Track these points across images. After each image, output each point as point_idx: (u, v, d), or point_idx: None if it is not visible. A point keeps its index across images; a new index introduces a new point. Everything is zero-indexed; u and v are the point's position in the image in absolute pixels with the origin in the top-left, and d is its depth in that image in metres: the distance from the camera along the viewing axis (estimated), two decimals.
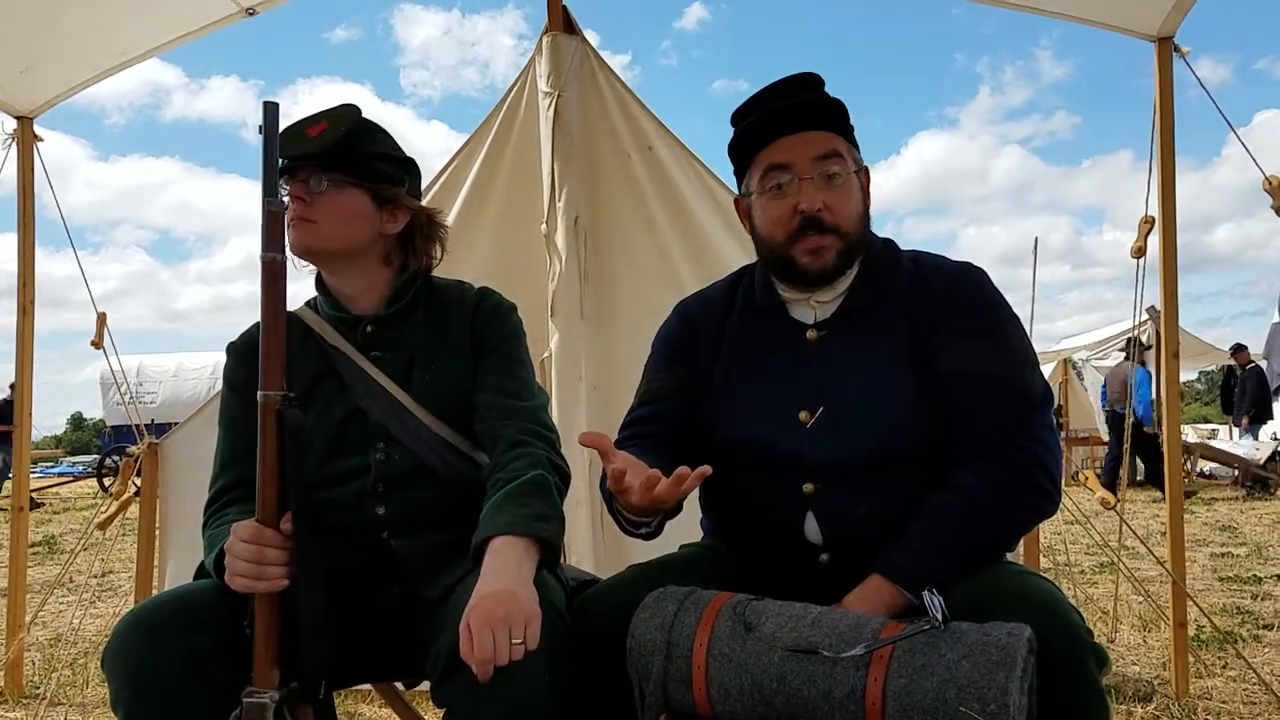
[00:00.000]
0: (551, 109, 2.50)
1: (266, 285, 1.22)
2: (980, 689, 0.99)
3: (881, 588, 1.20)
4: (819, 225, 1.29)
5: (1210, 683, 2.74)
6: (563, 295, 2.47)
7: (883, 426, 1.27)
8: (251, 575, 1.18)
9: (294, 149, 1.35)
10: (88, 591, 4.59)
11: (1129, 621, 3.51)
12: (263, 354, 1.21)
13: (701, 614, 1.16)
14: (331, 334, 1.45)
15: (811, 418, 1.30)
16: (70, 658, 3.23)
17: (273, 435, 1.20)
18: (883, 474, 1.27)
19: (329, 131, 1.36)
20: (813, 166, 1.30)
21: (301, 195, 1.36)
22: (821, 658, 1.06)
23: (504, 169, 2.71)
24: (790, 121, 1.31)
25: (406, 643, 1.35)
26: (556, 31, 2.54)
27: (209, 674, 1.19)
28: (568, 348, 2.46)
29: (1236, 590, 4.30)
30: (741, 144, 1.37)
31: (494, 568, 1.16)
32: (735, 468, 1.35)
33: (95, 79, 2.80)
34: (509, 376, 1.44)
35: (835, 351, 1.33)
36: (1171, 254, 2.54)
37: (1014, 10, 2.62)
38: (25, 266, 2.89)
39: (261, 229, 1.22)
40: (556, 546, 1.26)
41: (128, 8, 2.54)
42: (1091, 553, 5.08)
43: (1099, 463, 12.54)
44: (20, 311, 2.89)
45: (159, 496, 2.68)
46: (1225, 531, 6.56)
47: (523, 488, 1.27)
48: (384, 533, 1.39)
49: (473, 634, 1.07)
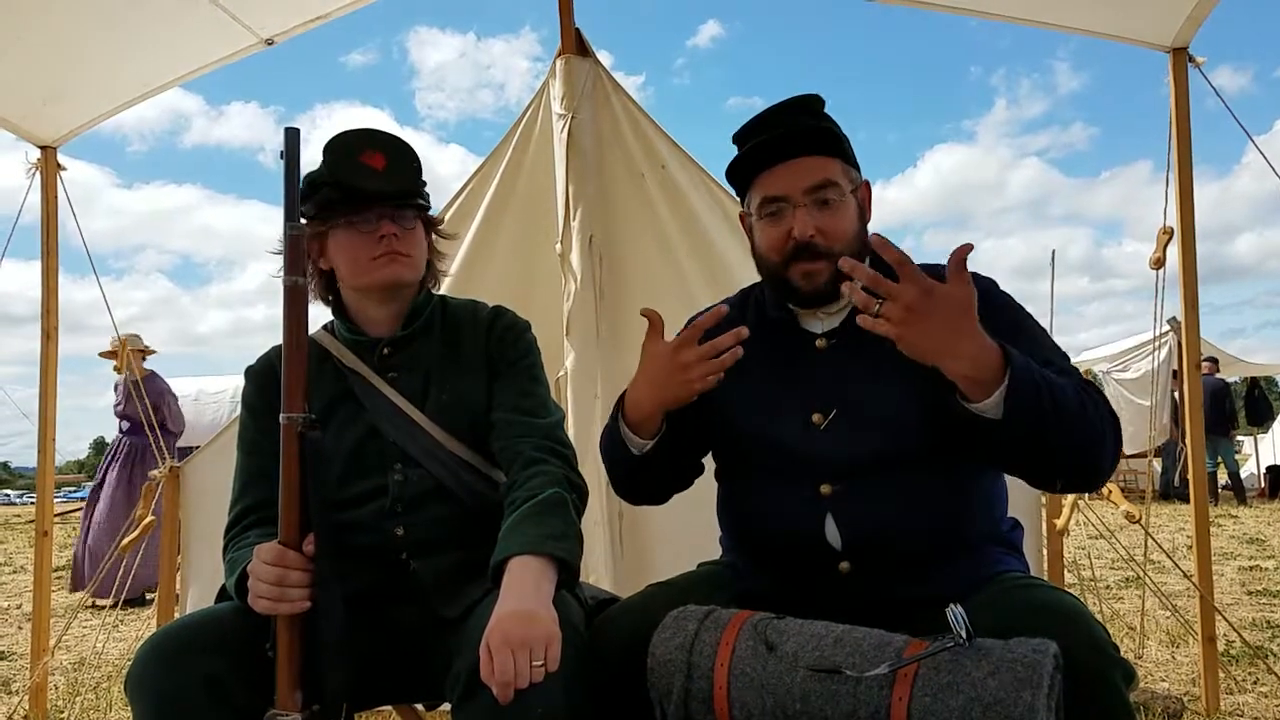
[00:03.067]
0: (565, 131, 2.53)
1: (288, 309, 1.23)
2: (1006, 706, 0.98)
3: (993, 349, 1.12)
4: (812, 251, 1.33)
5: (1241, 699, 2.68)
6: (578, 314, 2.48)
7: (896, 427, 1.28)
8: (274, 597, 1.19)
9: (368, 183, 1.38)
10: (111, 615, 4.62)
11: (1156, 637, 3.45)
12: (285, 377, 1.22)
13: (722, 633, 1.15)
14: (349, 357, 1.47)
15: (824, 420, 1.31)
16: (94, 681, 3.25)
17: (294, 457, 1.21)
18: (899, 475, 1.27)
19: (395, 166, 1.41)
20: (806, 196, 1.33)
21: (396, 231, 1.41)
22: (845, 677, 1.05)
23: (519, 190, 2.73)
24: (785, 149, 1.35)
25: (426, 663, 1.35)
26: (570, 54, 2.57)
27: (231, 697, 1.20)
28: (583, 366, 2.47)
29: (1266, 604, 4.23)
30: (739, 169, 1.41)
31: (513, 588, 1.16)
32: (751, 472, 1.37)
33: (117, 109, 2.85)
34: (524, 394, 1.45)
35: (845, 358, 1.35)
36: (1191, 264, 2.52)
37: (1027, 25, 2.63)
38: (49, 294, 2.93)
39: (284, 253, 1.24)
40: (575, 565, 1.25)
41: (149, 40, 2.59)
42: (1117, 567, 5.00)
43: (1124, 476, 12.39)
44: (44, 338, 2.93)
45: (180, 520, 2.71)
46: (1253, 544, 6.45)
47: (540, 506, 1.27)
48: (403, 553, 1.39)
49: (493, 656, 1.07)
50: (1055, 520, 2.37)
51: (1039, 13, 2.57)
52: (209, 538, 2.65)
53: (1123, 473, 12.40)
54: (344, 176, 1.38)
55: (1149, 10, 2.43)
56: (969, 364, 1.11)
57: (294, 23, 2.60)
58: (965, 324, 1.11)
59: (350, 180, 1.38)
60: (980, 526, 1.32)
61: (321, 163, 1.41)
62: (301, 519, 1.22)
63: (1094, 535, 2.89)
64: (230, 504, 1.46)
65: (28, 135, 2.84)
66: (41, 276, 2.93)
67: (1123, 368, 11.59)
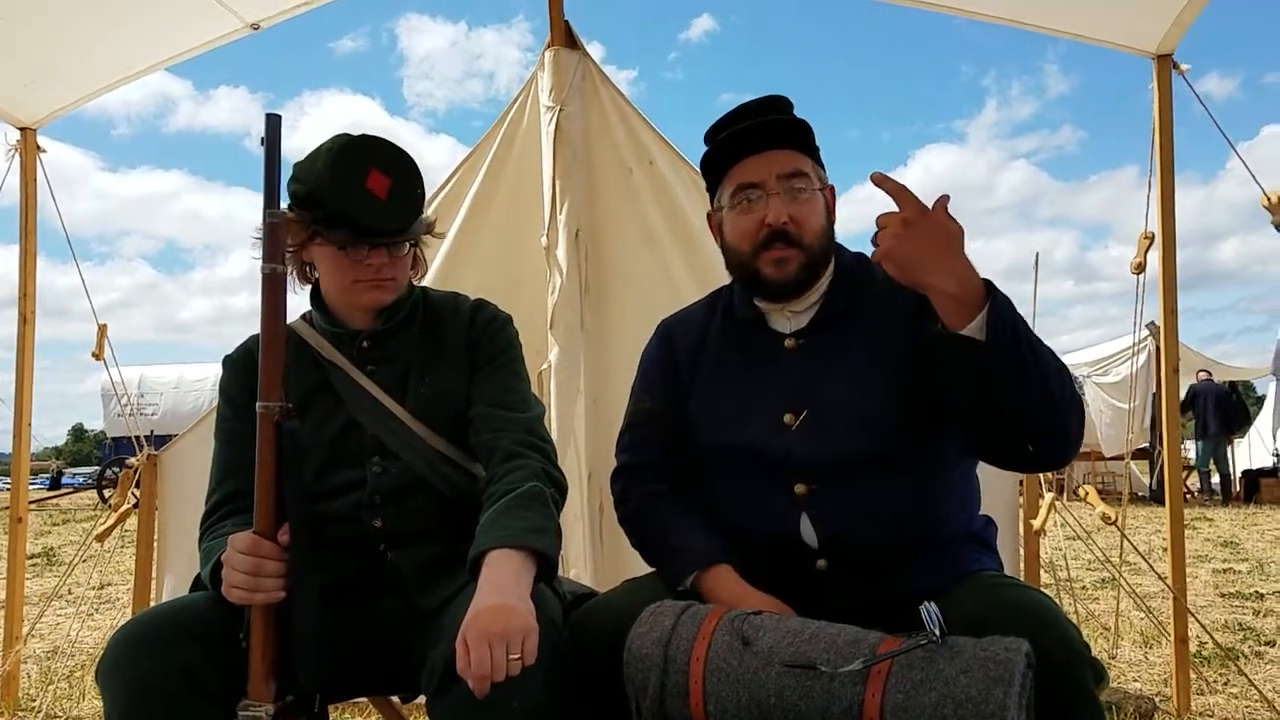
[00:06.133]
0: (553, 124, 2.52)
1: (267, 297, 1.22)
2: (978, 704, 0.98)
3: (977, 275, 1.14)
4: (785, 238, 1.34)
5: (1212, 699, 2.72)
6: (563, 308, 2.47)
7: (868, 426, 1.29)
8: (248, 587, 1.18)
9: (367, 216, 1.33)
10: (86, 603, 4.57)
11: (1130, 637, 3.50)
12: (262, 366, 1.21)
13: (698, 628, 1.15)
14: (327, 348, 1.45)
15: (796, 420, 1.32)
16: (67, 670, 3.22)
17: (271, 446, 1.20)
18: (872, 474, 1.29)
19: (398, 195, 1.36)
20: (779, 183, 1.35)
21: (386, 261, 1.40)
22: (819, 673, 1.06)
23: (506, 182, 2.72)
24: (759, 141, 1.36)
25: (403, 655, 1.35)
26: (559, 46, 2.56)
27: (204, 686, 1.19)
28: (567, 360, 2.46)
29: (1238, 606, 4.29)
30: (713, 161, 1.42)
31: (491, 581, 1.16)
32: (725, 475, 1.37)
33: (99, 92, 2.82)
34: (505, 388, 1.44)
35: (815, 357, 1.36)
36: (1171, 270, 2.55)
37: (1012, 26, 2.64)
38: (26, 278, 2.89)
39: (262, 240, 1.23)
40: (553, 559, 1.25)
41: (132, 23, 2.55)
42: (1093, 568, 5.06)
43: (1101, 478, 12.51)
44: (21, 321, 2.89)
45: (157, 508, 2.68)
46: (1227, 547, 6.54)
47: (519, 500, 1.27)
48: (381, 545, 1.39)
49: (470, 649, 1.07)
50: (1032, 520, 2.39)
51: (1024, 14, 2.58)
52: (186, 526, 2.63)
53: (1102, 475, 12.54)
54: (343, 205, 1.33)
55: (1134, 16, 2.44)
56: (954, 281, 1.13)
57: (279, 8, 2.57)
58: (954, 244, 1.13)
59: (349, 211, 1.33)
60: (954, 524, 1.34)
61: (323, 172, 1.34)
62: (277, 509, 1.21)
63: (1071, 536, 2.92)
64: (207, 493, 1.44)
65: (7, 116, 2.80)
66: (19, 260, 2.90)
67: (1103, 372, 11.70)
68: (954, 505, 1.35)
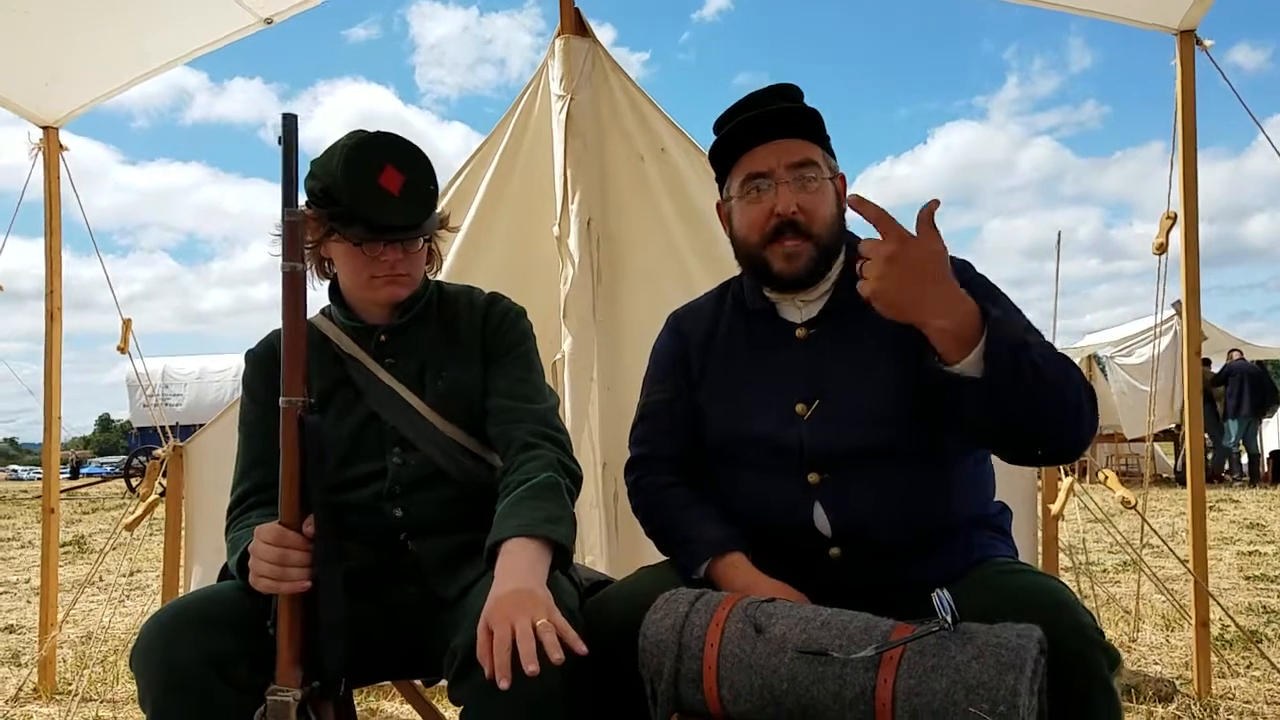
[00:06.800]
0: (564, 112, 2.51)
1: (287, 295, 1.24)
2: (990, 690, 0.99)
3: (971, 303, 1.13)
4: (795, 228, 1.34)
5: (1233, 683, 2.71)
6: (575, 298, 2.48)
7: (879, 415, 1.29)
8: (275, 576, 1.21)
9: (382, 214, 1.35)
10: (117, 590, 4.68)
11: (1151, 621, 3.48)
12: (284, 361, 1.23)
13: (712, 615, 1.17)
14: (347, 342, 1.48)
15: (809, 409, 1.33)
16: (101, 655, 3.30)
17: (294, 440, 1.23)
18: (885, 463, 1.29)
19: (411, 190, 1.37)
20: (789, 173, 1.34)
21: (401, 257, 1.41)
22: (832, 659, 1.07)
23: (518, 172, 2.72)
24: (768, 130, 1.36)
25: (424, 641, 1.38)
26: (569, 34, 2.55)
27: (233, 672, 1.22)
28: (580, 350, 2.47)
29: (1263, 589, 4.25)
30: (722, 151, 1.42)
31: (508, 569, 1.18)
32: (738, 465, 1.38)
33: (118, 90, 2.85)
34: (520, 380, 1.46)
35: (826, 347, 1.36)
36: (1194, 250, 2.51)
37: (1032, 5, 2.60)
38: (53, 276, 2.94)
39: (281, 239, 1.25)
40: (569, 548, 1.27)
41: (149, 21, 2.58)
42: (1115, 552, 5.03)
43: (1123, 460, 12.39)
44: (48, 318, 2.94)
45: (184, 498, 2.73)
46: (1253, 529, 6.47)
47: (534, 490, 1.29)
48: (401, 534, 1.42)
49: (492, 633, 1.09)
50: (1050, 505, 2.38)
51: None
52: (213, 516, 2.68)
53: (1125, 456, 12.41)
54: (358, 202, 1.35)
55: None
56: (945, 315, 1.11)
57: (292, 1, 2.59)
58: (941, 273, 1.11)
59: (364, 208, 1.35)
60: (967, 511, 1.34)
61: (338, 169, 1.35)
62: (301, 501, 1.24)
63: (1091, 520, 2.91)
64: (232, 486, 1.48)
65: (30, 116, 2.84)
66: (45, 258, 2.94)
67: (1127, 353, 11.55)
68: (967, 492, 1.35)
